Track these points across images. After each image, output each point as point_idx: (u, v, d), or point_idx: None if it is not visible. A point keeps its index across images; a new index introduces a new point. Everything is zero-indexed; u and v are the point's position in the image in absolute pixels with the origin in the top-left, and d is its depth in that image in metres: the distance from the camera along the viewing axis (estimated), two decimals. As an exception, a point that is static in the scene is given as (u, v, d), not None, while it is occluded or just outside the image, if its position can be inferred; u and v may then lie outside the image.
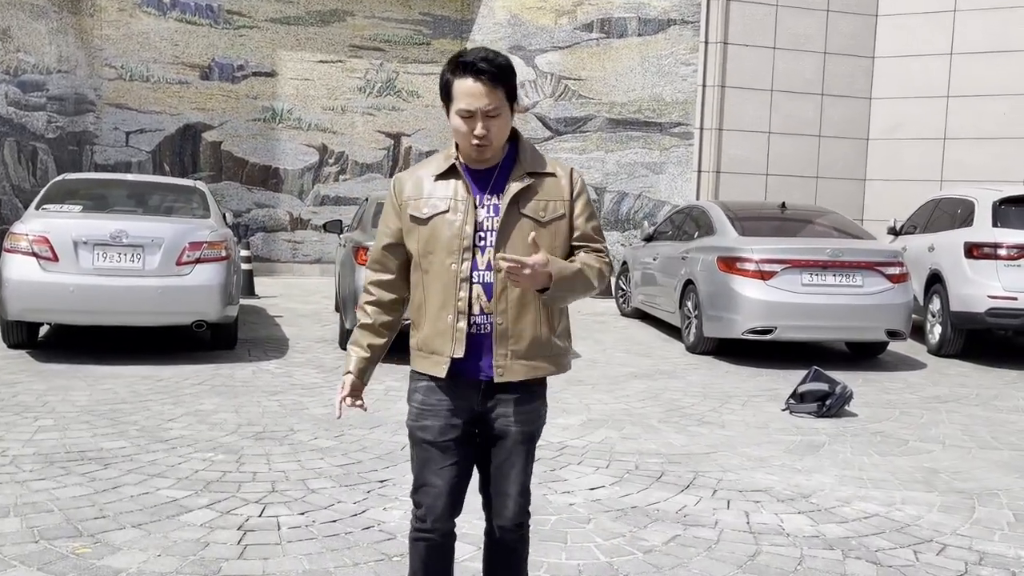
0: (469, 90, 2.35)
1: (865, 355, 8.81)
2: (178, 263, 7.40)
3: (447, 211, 2.43)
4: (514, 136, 2.50)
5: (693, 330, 8.85)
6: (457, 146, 2.47)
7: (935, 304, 9.18)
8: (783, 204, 9.43)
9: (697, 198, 15.45)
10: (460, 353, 2.41)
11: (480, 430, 2.51)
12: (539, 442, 5.21)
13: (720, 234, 8.78)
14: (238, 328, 8.35)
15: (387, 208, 2.55)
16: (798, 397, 6.36)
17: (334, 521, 3.87)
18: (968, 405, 6.80)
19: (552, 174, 2.49)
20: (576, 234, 2.50)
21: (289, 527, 3.79)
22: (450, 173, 2.46)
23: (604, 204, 16.23)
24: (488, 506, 2.58)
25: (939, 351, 9.05)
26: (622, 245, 16.18)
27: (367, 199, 9.68)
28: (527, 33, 16.78)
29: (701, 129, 15.47)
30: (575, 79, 16.62)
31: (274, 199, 16.74)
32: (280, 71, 16.72)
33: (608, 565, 3.49)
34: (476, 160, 2.45)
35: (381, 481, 4.45)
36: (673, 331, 10.20)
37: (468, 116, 2.37)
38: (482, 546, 2.69)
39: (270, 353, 8.12)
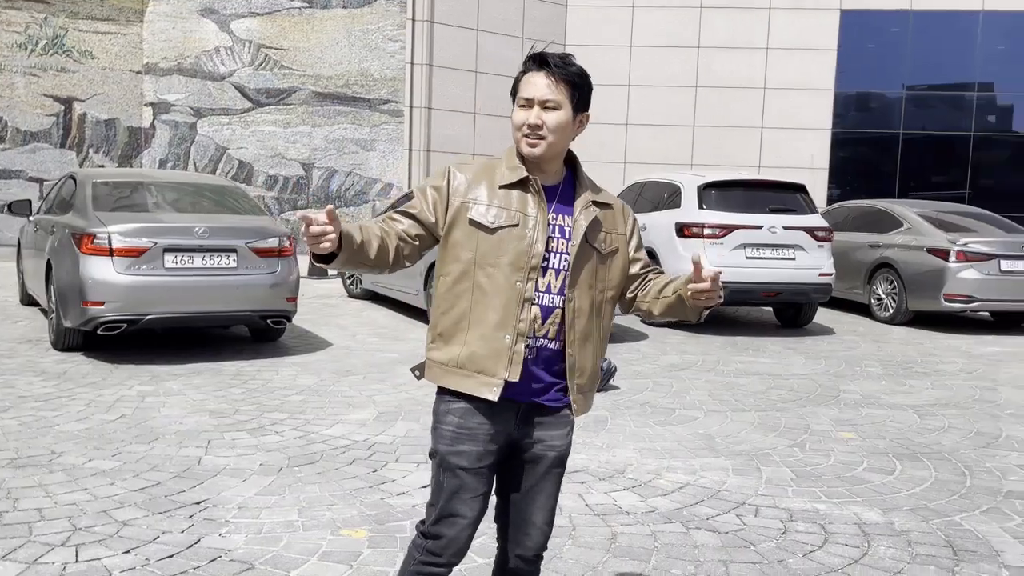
0: (534, 80, 2.27)
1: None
2: None
3: (516, 225, 2.27)
4: (572, 159, 2.40)
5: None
6: (522, 159, 2.32)
7: (649, 278, 10.09)
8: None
9: (409, 176, 15.55)
10: (516, 377, 2.27)
11: (510, 456, 2.37)
12: (342, 440, 5.01)
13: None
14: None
15: (430, 192, 2.33)
16: (568, 374, 6.68)
17: (171, 556, 3.43)
18: (701, 371, 7.58)
19: (610, 205, 2.42)
20: (639, 264, 2.48)
21: (122, 570, 3.29)
22: (518, 185, 2.30)
23: (313, 181, 15.76)
24: (505, 536, 2.44)
25: (653, 321, 9.99)
26: (332, 223, 15.85)
27: (72, 177, 8.51)
28: (222, -4, 15.71)
29: (411, 107, 15.54)
30: (276, 48, 15.91)
31: (-87, 171, 14.22)
32: (-84, 20, 14.18)
33: (488, 565, 3.45)
34: (533, 168, 2.32)
35: (197, 503, 4.01)
36: (413, 312, 10.23)
37: (525, 104, 2.26)
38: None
39: (-30, 359, 6.93)
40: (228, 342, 8.23)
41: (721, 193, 9.73)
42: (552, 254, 2.30)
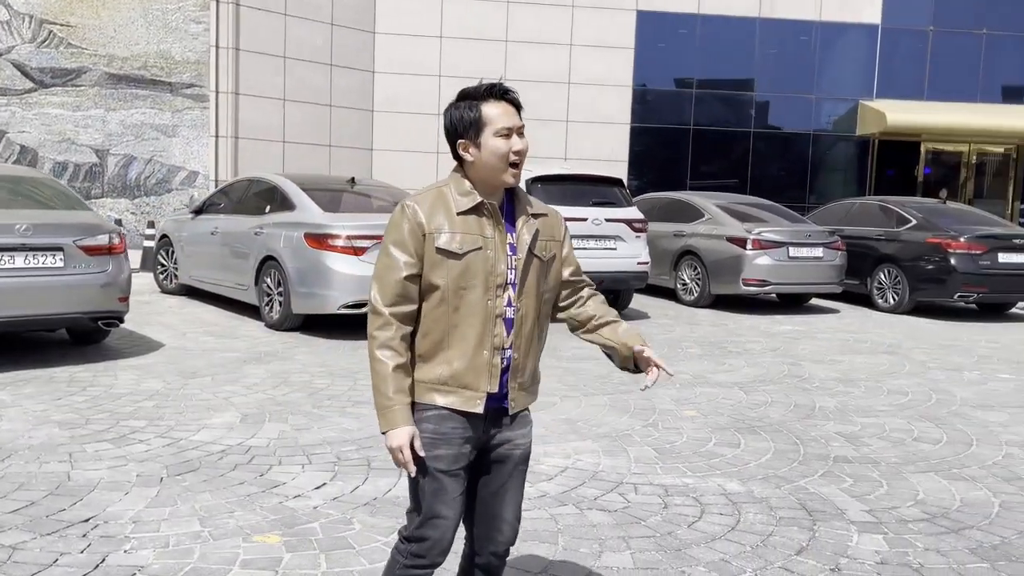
0: (503, 110, 2.39)
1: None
2: None
3: (481, 248, 2.39)
4: None
5: (277, 307, 8.76)
6: (471, 182, 2.42)
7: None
8: (352, 179, 9.74)
9: (216, 164, 14.95)
10: (495, 388, 2.42)
11: (479, 457, 2.50)
12: (215, 446, 4.93)
13: (301, 209, 8.78)
14: None
15: (403, 236, 2.38)
16: (424, 367, 6.82)
17: (80, 579, 3.28)
18: (548, 356, 7.93)
19: (545, 214, 2.55)
20: (570, 270, 2.62)
21: (31, 599, 3.12)
22: (473, 210, 2.41)
23: (109, 168, 14.79)
24: (474, 534, 2.58)
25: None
26: (132, 214, 14.96)
27: None
28: (-3, -35, 14.33)
29: (217, 92, 14.90)
30: (62, 25, 14.75)
31: None
32: None
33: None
34: (484, 192, 2.43)
35: (86, 520, 3.82)
36: (240, 308, 9.92)
37: (507, 134, 2.38)
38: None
39: None
40: (49, 346, 7.67)
41: (548, 187, 10.15)
42: (508, 270, 2.46)
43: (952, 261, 11.51)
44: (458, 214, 2.41)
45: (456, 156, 2.45)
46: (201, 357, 7.44)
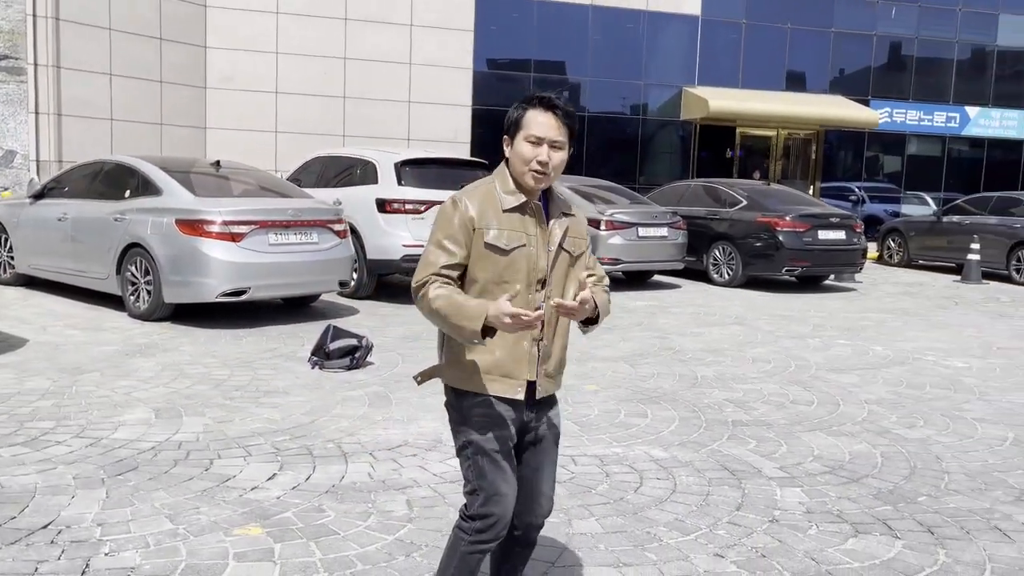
0: (543, 120, 2.52)
1: (302, 305, 9.54)
2: None
3: (525, 245, 2.55)
4: None
5: (145, 296, 8.38)
6: (515, 182, 2.56)
7: (346, 252, 10.31)
8: (217, 162, 9.39)
9: (37, 143, 13.88)
10: (534, 376, 2.59)
11: (520, 438, 2.68)
12: (142, 443, 4.82)
13: (169, 194, 8.40)
14: None
15: (454, 226, 2.52)
16: (324, 354, 6.81)
17: (72, 587, 3.18)
18: (431, 340, 8.08)
19: (574, 214, 2.73)
20: (586, 272, 2.77)
21: (31, 611, 3.00)
22: (517, 208, 2.56)
23: (-90, 146, 13.36)
24: (516, 508, 2.71)
25: (355, 294, 10.25)
26: (-61, 196, 13.61)
27: None
28: None
29: (35, 65, 13.78)
30: None
31: None
32: None
33: (399, 542, 3.68)
34: (526, 192, 2.56)
35: (45, 527, 3.65)
36: (92, 297, 9.37)
37: (536, 142, 2.51)
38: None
39: None
40: None
41: (416, 170, 10.24)
42: (547, 266, 2.65)
43: (780, 238, 12.60)
44: (504, 211, 2.58)
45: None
46: (76, 352, 7.04)
